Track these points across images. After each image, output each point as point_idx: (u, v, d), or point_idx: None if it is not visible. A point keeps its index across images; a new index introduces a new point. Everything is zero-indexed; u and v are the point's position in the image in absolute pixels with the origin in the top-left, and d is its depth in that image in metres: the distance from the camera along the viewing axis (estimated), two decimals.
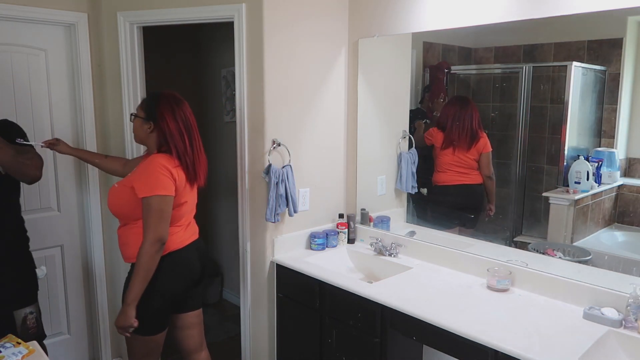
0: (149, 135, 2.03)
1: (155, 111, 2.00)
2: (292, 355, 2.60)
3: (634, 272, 1.92)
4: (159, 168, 1.93)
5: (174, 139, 1.99)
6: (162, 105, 2.00)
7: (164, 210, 1.93)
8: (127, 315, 1.92)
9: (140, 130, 2.05)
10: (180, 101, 2.04)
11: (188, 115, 2.04)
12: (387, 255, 2.58)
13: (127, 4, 2.66)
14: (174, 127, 1.99)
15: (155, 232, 1.91)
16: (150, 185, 1.92)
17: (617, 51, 2.00)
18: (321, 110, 2.71)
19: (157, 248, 1.93)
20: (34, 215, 2.68)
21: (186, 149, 2.01)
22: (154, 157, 1.98)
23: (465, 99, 2.62)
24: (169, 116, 1.99)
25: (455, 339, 1.81)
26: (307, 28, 2.57)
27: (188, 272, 2.11)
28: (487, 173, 2.53)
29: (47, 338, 2.48)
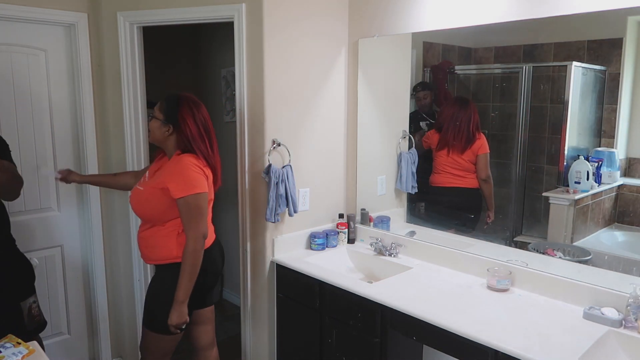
0: (167, 137, 2.04)
1: (175, 114, 2.01)
2: (292, 355, 2.60)
3: (634, 272, 1.92)
4: (191, 167, 1.95)
5: (197, 143, 2.01)
6: (182, 108, 2.01)
7: (202, 207, 1.96)
8: (182, 313, 1.97)
9: (159, 132, 2.05)
10: (199, 104, 2.06)
11: (206, 117, 2.06)
12: (387, 255, 2.58)
13: (127, 4, 2.66)
14: (196, 130, 2.01)
15: (197, 229, 1.95)
16: (186, 185, 1.93)
17: (617, 51, 2.00)
18: (321, 110, 2.71)
19: (202, 244, 1.97)
20: (34, 215, 2.68)
21: (208, 151, 2.04)
22: (183, 157, 1.98)
23: (465, 101, 2.61)
24: (190, 120, 2.00)
25: (455, 339, 1.81)
26: (307, 28, 2.57)
27: (215, 269, 2.16)
28: (483, 176, 2.51)
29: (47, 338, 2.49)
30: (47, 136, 2.71)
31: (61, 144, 2.76)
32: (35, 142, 2.65)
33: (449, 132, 2.57)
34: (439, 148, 2.63)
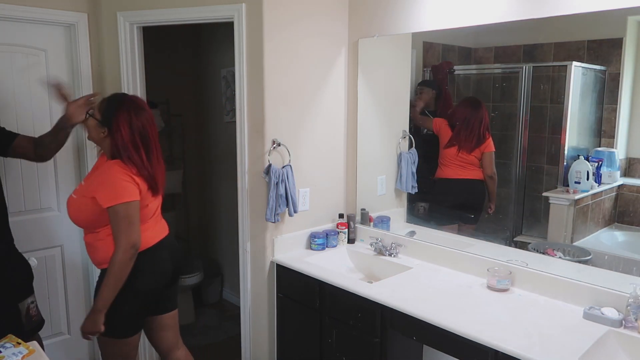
0: (102, 139, 1.98)
1: (111, 118, 1.93)
2: (292, 355, 2.60)
3: (634, 272, 1.92)
4: (119, 175, 1.89)
5: (128, 151, 1.92)
6: (120, 113, 1.92)
7: (132, 215, 1.89)
8: (96, 322, 1.89)
9: (95, 132, 1.99)
10: (140, 109, 1.96)
11: (146, 124, 1.96)
12: (387, 255, 2.58)
13: (127, 4, 2.66)
14: (129, 138, 1.92)
15: (127, 239, 1.87)
16: (113, 195, 1.87)
17: (617, 51, 2.00)
18: (321, 110, 2.71)
19: (131, 255, 1.89)
20: (34, 215, 2.68)
21: (142, 161, 1.94)
22: (111, 165, 1.93)
23: (477, 102, 2.58)
24: (125, 126, 1.91)
25: (455, 339, 1.81)
26: (307, 28, 2.57)
27: (160, 271, 2.07)
28: (489, 172, 2.52)
29: (47, 338, 2.48)
30: None
31: None
32: None
33: (461, 132, 2.56)
34: (449, 145, 2.62)
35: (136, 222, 1.91)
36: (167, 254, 2.10)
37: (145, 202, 2.00)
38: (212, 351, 3.31)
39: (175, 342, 2.30)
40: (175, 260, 2.15)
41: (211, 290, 4.07)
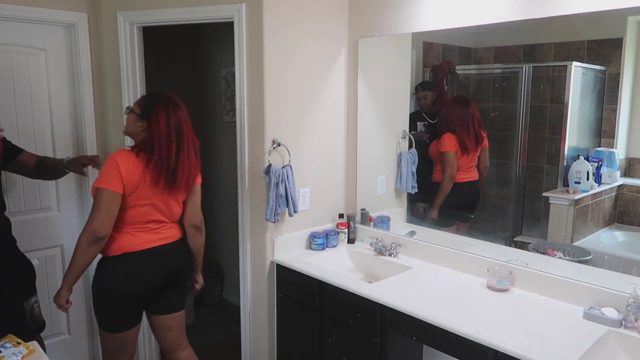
0: (139, 132, 2.04)
1: (150, 112, 2.00)
2: (292, 355, 2.60)
3: (634, 272, 1.92)
4: (110, 162, 1.94)
5: (160, 143, 1.98)
6: (158, 107, 2.00)
7: (102, 203, 1.92)
8: (60, 296, 2.03)
9: (133, 126, 2.05)
10: (177, 106, 2.05)
11: (182, 121, 2.04)
12: (387, 255, 2.58)
13: (127, 4, 2.66)
14: (165, 131, 1.99)
15: (92, 224, 1.92)
16: (100, 177, 1.94)
17: (617, 51, 2.00)
18: (321, 110, 2.71)
19: (91, 240, 1.93)
20: (34, 215, 2.68)
21: (170, 154, 2.00)
22: (116, 152, 1.99)
23: (465, 100, 2.60)
24: (163, 119, 1.99)
25: (455, 339, 1.81)
26: (307, 28, 2.57)
27: (142, 275, 2.07)
28: (486, 164, 2.55)
29: (47, 338, 2.48)
30: (47, 136, 2.71)
31: (61, 144, 2.76)
32: (35, 142, 2.65)
33: (463, 136, 2.55)
34: (462, 153, 2.57)
35: (105, 211, 1.92)
36: (156, 261, 2.09)
37: (145, 199, 2.00)
38: (212, 351, 3.31)
39: (178, 343, 2.31)
40: (169, 267, 2.14)
41: (211, 290, 4.07)
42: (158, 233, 2.10)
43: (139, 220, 2.03)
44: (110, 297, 2.05)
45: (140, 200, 2.00)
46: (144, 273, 2.08)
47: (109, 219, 1.94)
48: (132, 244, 2.03)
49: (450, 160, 2.60)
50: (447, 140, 2.61)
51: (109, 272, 2.04)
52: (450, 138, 2.60)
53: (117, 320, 2.09)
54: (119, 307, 2.07)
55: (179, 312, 2.27)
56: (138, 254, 2.04)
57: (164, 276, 2.13)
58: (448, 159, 2.61)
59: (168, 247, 2.13)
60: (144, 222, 2.05)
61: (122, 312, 2.09)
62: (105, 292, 2.05)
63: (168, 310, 2.23)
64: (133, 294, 2.07)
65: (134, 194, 1.98)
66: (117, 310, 2.07)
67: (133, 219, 2.02)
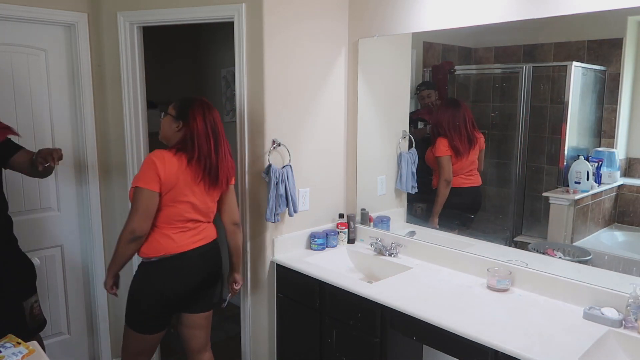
0: (175, 133, 2.09)
1: (187, 111, 2.07)
2: (292, 355, 2.60)
3: (634, 272, 1.92)
4: (148, 161, 1.98)
5: (200, 140, 2.04)
6: (194, 107, 2.08)
7: (143, 203, 1.96)
8: (106, 282, 2.13)
9: (169, 128, 2.11)
10: (211, 107, 2.13)
11: (217, 120, 2.11)
12: (387, 255, 2.58)
13: (127, 4, 2.66)
14: (202, 128, 2.05)
15: (130, 223, 1.97)
16: (138, 176, 1.98)
17: (617, 51, 2.00)
18: (321, 110, 2.71)
19: (130, 238, 1.98)
20: (34, 215, 2.68)
21: (210, 151, 2.06)
22: (154, 152, 2.01)
23: (455, 102, 2.59)
24: (200, 118, 2.06)
25: (455, 339, 1.81)
26: (307, 28, 2.57)
27: (183, 278, 2.10)
28: (481, 167, 2.54)
29: (47, 338, 2.49)
30: (47, 136, 2.71)
31: (61, 144, 2.75)
32: (35, 142, 2.65)
33: (454, 138, 2.54)
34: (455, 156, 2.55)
35: (143, 211, 1.96)
36: (198, 261, 2.12)
37: (183, 196, 2.03)
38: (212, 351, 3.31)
39: (204, 344, 2.33)
40: (209, 267, 2.18)
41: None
42: (197, 234, 2.13)
43: (177, 220, 2.05)
44: (152, 301, 2.06)
45: (177, 199, 2.02)
46: (187, 275, 2.10)
47: (147, 218, 1.98)
48: (173, 246, 2.05)
49: (445, 165, 2.58)
50: (440, 145, 2.60)
51: (150, 276, 2.06)
52: (442, 142, 2.58)
53: (151, 322, 2.10)
54: (158, 310, 2.08)
55: (209, 312, 2.31)
56: (179, 256, 2.07)
57: (202, 277, 2.16)
58: (442, 164, 2.60)
59: (207, 247, 2.17)
60: (182, 222, 2.06)
61: (159, 315, 2.10)
62: (147, 295, 2.06)
63: (202, 308, 2.26)
64: (174, 297, 2.09)
65: (170, 193, 2.00)
66: (155, 313, 2.08)
67: (170, 218, 2.04)
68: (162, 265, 2.04)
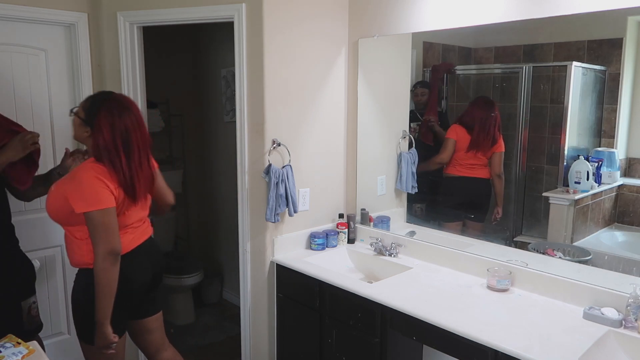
0: (86, 138, 1.89)
1: (93, 118, 1.83)
2: (292, 355, 2.60)
3: (634, 272, 1.92)
4: (94, 181, 1.79)
5: (110, 154, 1.82)
6: (102, 113, 1.82)
7: (107, 222, 1.80)
8: (104, 334, 1.85)
9: (79, 130, 1.89)
10: (124, 110, 1.85)
11: (130, 126, 1.84)
12: (387, 255, 2.58)
13: (127, 4, 2.66)
14: (110, 141, 1.81)
15: (105, 246, 1.79)
16: (88, 201, 1.78)
17: (617, 51, 2.00)
18: (321, 110, 2.71)
19: (111, 260, 1.81)
20: (33, 215, 2.68)
21: (122, 165, 1.83)
22: (87, 169, 1.83)
23: (491, 102, 2.55)
24: (106, 128, 1.81)
25: (455, 339, 1.81)
26: (307, 28, 2.57)
27: (136, 278, 1.98)
28: (497, 171, 2.50)
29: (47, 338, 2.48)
30: (47, 136, 2.71)
31: (61, 144, 2.75)
32: None
33: (480, 136, 2.52)
34: (469, 149, 2.56)
35: (113, 228, 1.82)
36: (146, 259, 2.03)
37: (122, 209, 1.89)
38: (212, 351, 3.31)
39: (161, 344, 2.24)
40: (155, 265, 2.09)
41: (211, 290, 4.07)
42: (140, 230, 2.03)
43: (124, 225, 1.93)
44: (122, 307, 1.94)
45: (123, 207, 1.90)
46: (139, 272, 2.00)
47: (117, 233, 1.84)
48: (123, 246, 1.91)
49: (447, 147, 2.63)
50: (452, 129, 2.64)
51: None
52: (455, 128, 2.62)
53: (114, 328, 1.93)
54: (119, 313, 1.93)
55: (159, 313, 2.21)
56: (129, 254, 1.95)
57: (153, 275, 2.07)
58: (446, 145, 2.64)
59: (150, 242, 2.07)
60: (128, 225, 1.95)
61: (119, 319, 1.94)
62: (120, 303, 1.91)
63: (150, 312, 2.16)
64: (131, 298, 1.98)
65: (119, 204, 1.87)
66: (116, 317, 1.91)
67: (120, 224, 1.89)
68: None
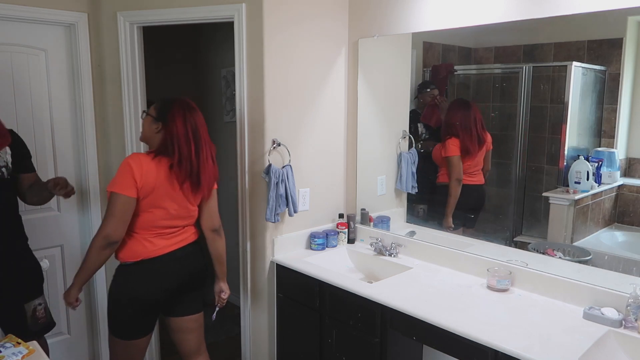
0: (155, 135, 2.03)
1: (167, 113, 2.01)
2: (292, 355, 2.60)
3: (634, 272, 1.92)
4: (124, 165, 1.93)
5: (180, 142, 1.98)
6: (174, 108, 2.01)
7: (118, 209, 1.91)
8: (70, 294, 2.03)
9: (149, 129, 2.05)
10: (193, 109, 2.05)
11: (198, 123, 2.03)
12: (387, 255, 2.58)
13: (127, 4, 2.66)
14: (182, 131, 1.98)
15: (105, 228, 1.91)
16: (114, 181, 1.93)
17: (617, 51, 2.00)
18: (321, 110, 2.71)
19: (104, 244, 1.92)
20: (34, 215, 2.68)
21: (190, 154, 1.99)
22: (129, 156, 1.98)
23: (466, 103, 2.59)
24: (180, 120, 1.99)
25: (455, 339, 1.81)
26: (307, 28, 2.57)
27: (159, 282, 2.06)
28: (488, 167, 2.53)
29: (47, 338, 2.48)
30: (47, 136, 2.71)
31: (61, 144, 2.76)
32: (35, 142, 2.65)
33: (465, 139, 2.53)
34: (464, 156, 2.55)
35: (120, 217, 1.92)
36: (174, 265, 2.08)
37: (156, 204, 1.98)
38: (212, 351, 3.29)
39: (196, 348, 2.29)
40: (187, 270, 2.14)
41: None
42: (174, 237, 2.09)
43: (154, 225, 2.01)
44: (131, 305, 2.03)
45: (155, 205, 1.98)
46: (164, 279, 2.07)
47: (122, 224, 1.93)
48: (151, 250, 2.02)
49: (456, 165, 2.58)
50: (451, 145, 2.58)
51: (130, 279, 2.03)
52: (453, 143, 2.57)
53: (134, 327, 2.07)
54: (139, 314, 2.05)
55: (198, 314, 2.27)
56: (157, 260, 2.03)
57: (182, 280, 2.12)
58: (453, 163, 2.58)
59: (185, 250, 2.12)
60: (159, 228, 2.03)
61: (141, 319, 2.08)
62: (127, 300, 2.02)
63: (187, 312, 2.22)
64: (153, 300, 2.06)
65: (148, 198, 1.96)
66: (136, 317, 2.06)
67: (148, 223, 2.00)
68: (137, 269, 2.01)
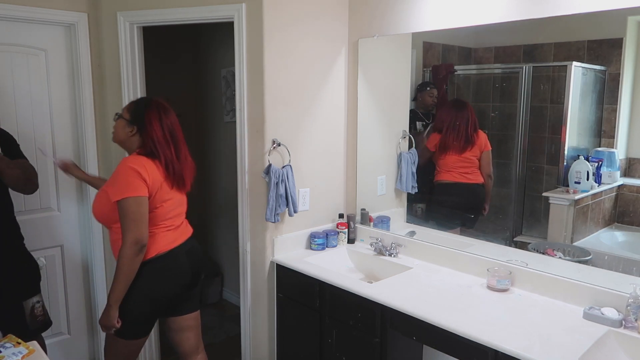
0: (129, 138, 2.01)
1: (142, 116, 1.98)
2: (292, 355, 2.60)
3: (634, 272, 1.92)
4: (128, 170, 1.91)
5: (162, 146, 1.97)
6: (149, 111, 1.99)
7: (138, 211, 1.89)
8: (110, 316, 1.93)
9: (122, 132, 2.03)
10: (167, 110, 2.03)
11: (174, 124, 2.03)
12: (387, 255, 2.58)
13: (127, 4, 2.66)
14: (161, 134, 1.98)
15: (132, 234, 1.88)
16: (121, 188, 1.89)
17: (617, 51, 2.00)
18: (321, 110, 2.71)
19: (136, 250, 1.89)
20: (34, 215, 2.68)
21: (172, 157, 2.00)
22: (124, 160, 1.96)
23: (462, 103, 2.61)
24: (156, 123, 1.98)
25: (455, 339, 1.81)
26: (307, 28, 2.57)
27: (175, 277, 2.06)
28: (488, 172, 2.53)
29: (47, 338, 2.49)
30: (47, 136, 2.71)
31: (61, 144, 2.76)
32: (35, 142, 2.66)
33: (447, 135, 2.59)
34: (440, 150, 2.63)
35: (141, 218, 1.90)
36: (185, 258, 2.08)
37: (164, 196, 1.99)
38: (212, 351, 3.30)
39: (196, 346, 2.29)
40: (195, 264, 2.14)
41: (211, 290, 4.07)
42: (179, 229, 2.10)
43: (165, 218, 2.02)
44: (152, 304, 2.01)
45: (162, 199, 1.99)
46: (176, 275, 2.06)
47: (145, 225, 1.92)
48: (162, 245, 2.01)
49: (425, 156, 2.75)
50: (431, 139, 2.72)
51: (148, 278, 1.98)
52: (434, 137, 2.69)
53: (146, 326, 2.06)
54: (156, 313, 2.05)
55: (197, 312, 2.27)
56: (167, 255, 2.02)
57: (193, 272, 2.12)
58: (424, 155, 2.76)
59: (189, 242, 2.14)
60: (168, 220, 2.03)
61: (153, 317, 2.08)
62: (149, 299, 2.00)
63: (188, 310, 2.22)
64: (173, 295, 2.06)
65: (156, 196, 1.96)
66: (149, 316, 2.05)
67: (159, 218, 2.00)
68: (152, 267, 1.99)
